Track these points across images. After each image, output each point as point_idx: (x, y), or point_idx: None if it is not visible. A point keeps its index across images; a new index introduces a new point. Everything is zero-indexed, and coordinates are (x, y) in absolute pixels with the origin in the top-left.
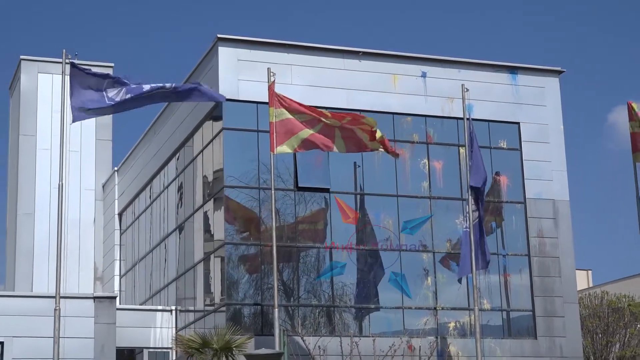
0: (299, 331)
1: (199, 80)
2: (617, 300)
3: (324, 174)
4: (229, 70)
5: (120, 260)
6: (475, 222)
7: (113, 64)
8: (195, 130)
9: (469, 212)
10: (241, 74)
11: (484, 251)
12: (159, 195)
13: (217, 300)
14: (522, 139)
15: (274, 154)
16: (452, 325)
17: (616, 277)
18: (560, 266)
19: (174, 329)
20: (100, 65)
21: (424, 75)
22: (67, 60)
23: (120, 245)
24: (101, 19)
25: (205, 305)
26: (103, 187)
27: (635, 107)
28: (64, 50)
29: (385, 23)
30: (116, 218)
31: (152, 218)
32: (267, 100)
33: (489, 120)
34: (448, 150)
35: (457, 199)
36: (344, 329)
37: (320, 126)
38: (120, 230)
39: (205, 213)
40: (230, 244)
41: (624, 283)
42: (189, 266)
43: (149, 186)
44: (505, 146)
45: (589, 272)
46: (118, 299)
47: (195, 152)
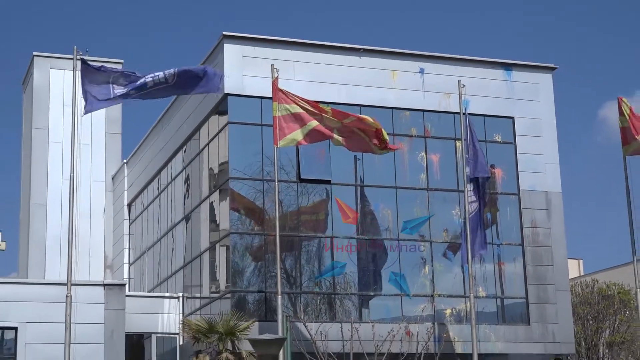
0: (301, 317)
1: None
2: (607, 288)
3: (326, 166)
4: (234, 67)
5: (129, 249)
6: (475, 212)
7: (122, 61)
8: (201, 124)
9: (468, 202)
10: (246, 70)
11: (483, 239)
12: (167, 187)
13: (223, 287)
14: (516, 133)
15: (277, 147)
16: (449, 311)
17: (606, 266)
18: (552, 255)
19: (181, 315)
20: (109, 61)
21: (422, 72)
22: (78, 57)
23: (129, 234)
24: (111, 17)
25: (211, 292)
26: (113, 179)
27: (625, 103)
28: (75, 47)
29: (384, 21)
30: (125, 208)
31: (160, 208)
32: (271, 95)
33: (484, 115)
34: (445, 144)
35: (454, 191)
36: (344, 316)
37: (322, 120)
38: (129, 220)
39: (211, 204)
40: (235, 234)
41: (614, 271)
42: (196, 255)
43: (157, 178)
44: (500, 140)
45: (581, 261)
46: (127, 286)
47: (202, 145)
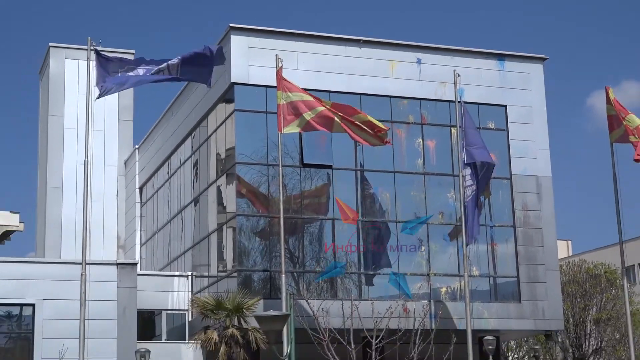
0: (304, 295)
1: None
2: (595, 267)
3: (327, 151)
4: (240, 57)
5: (140, 230)
6: (472, 195)
7: (134, 51)
8: (209, 112)
9: (466, 186)
10: (251, 60)
11: (477, 222)
12: (176, 171)
13: (229, 266)
14: (509, 120)
15: (281, 134)
16: (444, 290)
17: (594, 247)
18: (542, 236)
19: (190, 293)
20: (122, 51)
21: (419, 62)
22: (92, 47)
23: (141, 216)
24: (123, 10)
25: (219, 271)
26: (125, 164)
27: (611, 93)
28: (89, 38)
29: (384, 14)
30: (137, 192)
31: (170, 192)
32: (276, 84)
33: (478, 103)
34: (441, 131)
35: (449, 175)
36: (345, 293)
37: (322, 109)
38: (140, 202)
39: (219, 187)
40: (241, 216)
41: (601, 252)
42: (204, 236)
43: (167, 163)
44: (493, 127)
45: (569, 242)
46: (139, 265)
47: (210, 132)
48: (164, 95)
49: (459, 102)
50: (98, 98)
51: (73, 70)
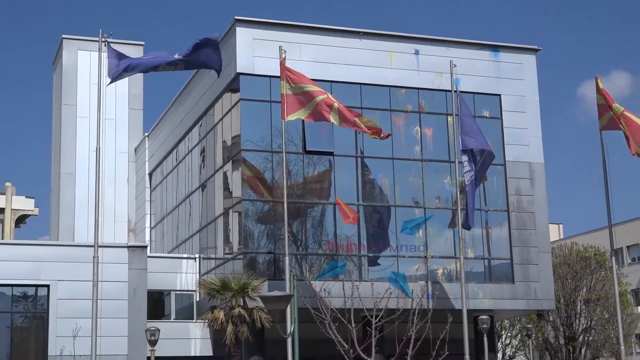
0: (307, 276)
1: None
2: (585, 250)
3: (329, 139)
4: (246, 48)
5: (150, 214)
6: (471, 181)
7: (143, 42)
8: (215, 101)
9: (465, 172)
10: (256, 51)
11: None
12: (184, 158)
13: (235, 249)
14: (503, 109)
15: (284, 121)
16: (441, 271)
17: (584, 230)
18: (535, 220)
19: (198, 274)
20: (131, 43)
21: (417, 53)
22: (103, 39)
23: (151, 201)
24: (132, 3)
25: (225, 253)
26: (135, 151)
27: (600, 82)
28: (100, 30)
29: (383, 6)
30: (147, 177)
31: (178, 177)
32: (279, 75)
33: (473, 93)
34: (438, 119)
35: (445, 162)
36: (346, 275)
37: (322, 98)
38: (150, 188)
39: (225, 173)
40: (247, 200)
41: (591, 235)
42: (211, 219)
43: (176, 150)
44: (487, 115)
45: (561, 226)
46: (148, 248)
47: (216, 120)
48: (172, 85)
49: (455, 92)
50: (110, 83)
51: (85, 61)
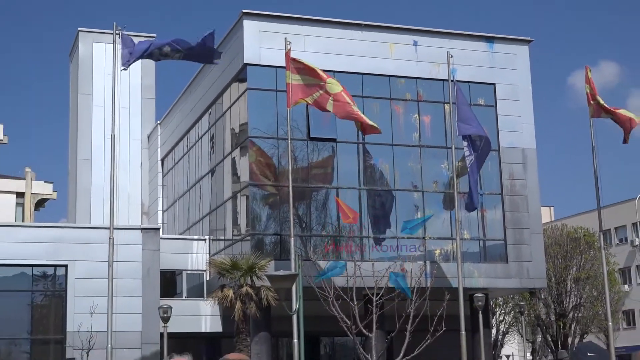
0: (311, 256)
1: (225, 50)
2: (575, 231)
3: (332, 126)
4: (252, 40)
5: (162, 198)
6: (472, 164)
7: (155, 35)
8: (224, 90)
9: (464, 157)
10: (262, 43)
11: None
12: (195, 144)
13: (243, 231)
14: (497, 97)
15: (290, 109)
16: (438, 252)
17: (574, 212)
18: (527, 203)
19: (208, 255)
20: (144, 35)
21: (415, 44)
22: (117, 32)
23: (163, 185)
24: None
25: (234, 235)
26: (148, 138)
27: (589, 72)
28: (115, 23)
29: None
30: (159, 163)
31: (189, 163)
32: (285, 65)
33: (469, 82)
34: (435, 107)
35: (443, 147)
36: (348, 255)
37: (322, 92)
38: (162, 173)
39: (233, 159)
40: (254, 185)
41: (581, 217)
42: (220, 203)
43: (186, 137)
44: (482, 103)
45: (552, 208)
46: (161, 230)
47: (225, 109)
48: (183, 75)
49: (452, 81)
50: (124, 69)
51: (100, 53)
